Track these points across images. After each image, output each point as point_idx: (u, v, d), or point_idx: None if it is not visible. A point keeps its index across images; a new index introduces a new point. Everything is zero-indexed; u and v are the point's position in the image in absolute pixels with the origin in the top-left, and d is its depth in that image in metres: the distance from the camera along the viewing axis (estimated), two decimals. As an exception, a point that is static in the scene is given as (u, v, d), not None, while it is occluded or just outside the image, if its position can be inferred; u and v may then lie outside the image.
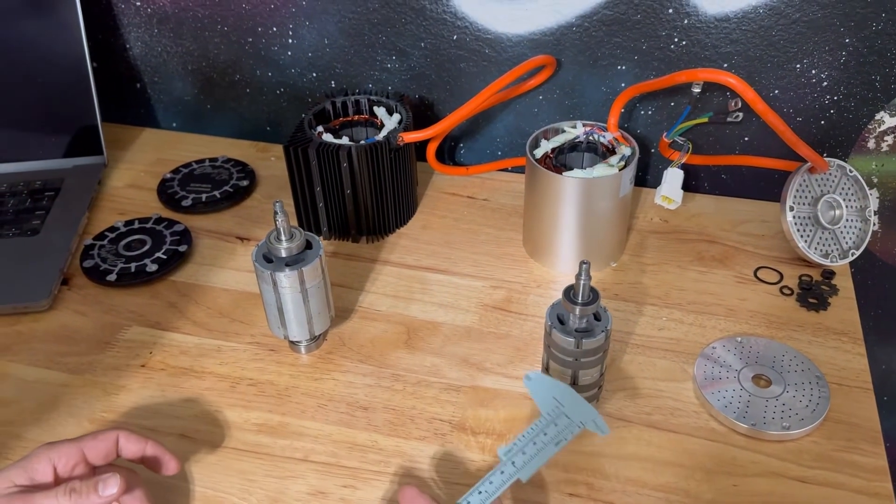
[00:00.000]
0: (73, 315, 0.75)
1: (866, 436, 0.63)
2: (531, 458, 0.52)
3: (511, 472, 0.52)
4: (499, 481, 0.51)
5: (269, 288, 0.65)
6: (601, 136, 0.80)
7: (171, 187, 0.91)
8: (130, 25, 0.98)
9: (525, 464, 0.52)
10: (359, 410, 0.66)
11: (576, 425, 0.54)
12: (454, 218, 0.88)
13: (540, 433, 0.54)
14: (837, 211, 0.79)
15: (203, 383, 0.68)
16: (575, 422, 0.54)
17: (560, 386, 0.56)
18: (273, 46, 0.95)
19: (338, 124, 0.86)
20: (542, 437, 0.53)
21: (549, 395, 0.55)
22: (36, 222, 0.85)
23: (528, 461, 0.52)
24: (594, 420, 0.54)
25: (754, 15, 0.79)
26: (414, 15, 0.88)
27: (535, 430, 0.54)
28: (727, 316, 0.74)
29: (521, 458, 0.52)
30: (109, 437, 0.54)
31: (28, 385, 0.68)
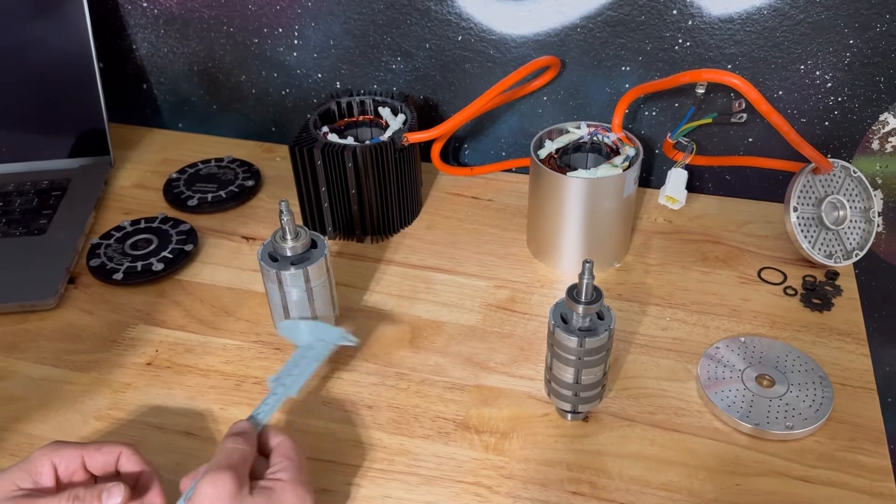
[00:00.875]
0: (80, 313, 0.76)
1: (870, 436, 0.63)
2: (296, 377, 0.60)
3: (282, 393, 0.59)
4: (273, 401, 0.58)
5: (274, 287, 0.65)
6: (605, 137, 0.80)
7: (177, 187, 0.92)
8: (137, 26, 0.99)
9: (292, 383, 0.60)
10: (363, 409, 0.66)
11: (330, 343, 0.63)
12: (458, 218, 0.88)
13: (301, 358, 0.62)
14: (841, 212, 0.79)
15: (208, 381, 0.69)
16: (328, 341, 0.63)
17: (307, 322, 0.65)
18: (279, 47, 0.95)
19: (343, 125, 0.86)
20: (302, 361, 0.62)
21: (301, 331, 0.65)
22: (43, 221, 0.85)
23: (295, 380, 0.60)
24: (343, 336, 0.64)
25: (758, 16, 0.79)
26: (419, 16, 0.88)
27: (296, 356, 0.62)
28: (731, 316, 0.74)
29: (289, 380, 0.60)
30: (113, 451, 0.53)
31: (35, 382, 0.69)
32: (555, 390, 0.62)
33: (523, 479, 0.60)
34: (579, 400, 0.62)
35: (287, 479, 0.52)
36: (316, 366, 0.61)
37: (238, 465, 0.51)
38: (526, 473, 0.60)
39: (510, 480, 0.60)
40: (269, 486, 0.51)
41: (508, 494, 0.59)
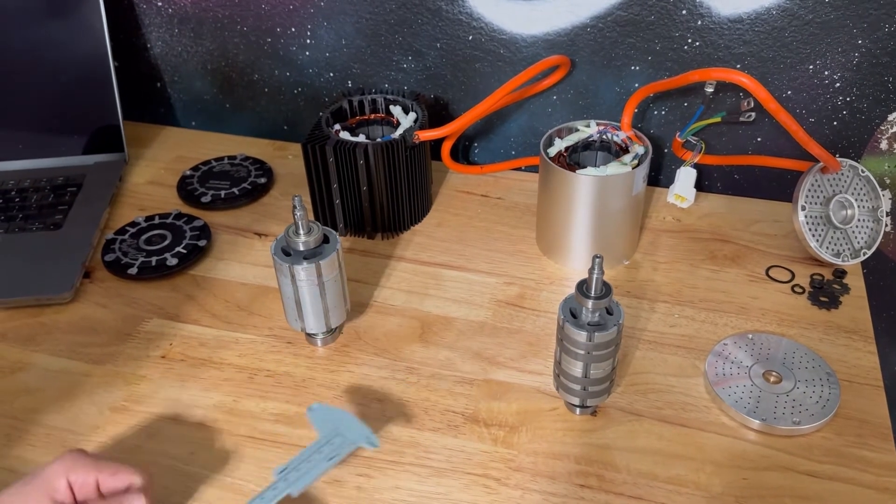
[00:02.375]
0: (95, 307, 0.77)
1: (876, 432, 0.63)
2: (304, 473, 0.55)
3: (283, 488, 0.54)
4: (271, 496, 0.54)
5: (287, 281, 0.66)
6: (614, 135, 0.81)
7: (191, 184, 0.93)
8: (152, 25, 1.00)
9: (298, 479, 0.55)
10: (374, 402, 0.67)
11: (349, 442, 0.57)
12: (468, 216, 0.89)
13: (315, 452, 0.57)
14: (849, 211, 0.79)
15: (222, 374, 0.70)
16: (349, 439, 0.58)
17: (339, 412, 0.60)
18: (291, 46, 0.96)
19: (354, 123, 0.87)
20: (315, 456, 0.57)
21: (329, 422, 0.59)
22: (59, 217, 0.86)
23: (301, 476, 0.55)
24: (367, 437, 0.58)
25: (767, 16, 0.79)
26: (430, 16, 0.89)
27: (310, 449, 0.57)
28: (739, 313, 0.75)
29: (294, 475, 0.55)
30: (126, 479, 0.53)
31: (51, 374, 0.70)
32: (563, 385, 0.63)
33: (532, 471, 0.61)
34: (588, 394, 0.62)
35: None
36: (329, 466, 0.56)
37: None
38: (534, 466, 0.61)
39: (519, 473, 0.61)
40: None
41: (517, 486, 0.60)
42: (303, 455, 0.57)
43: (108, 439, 0.64)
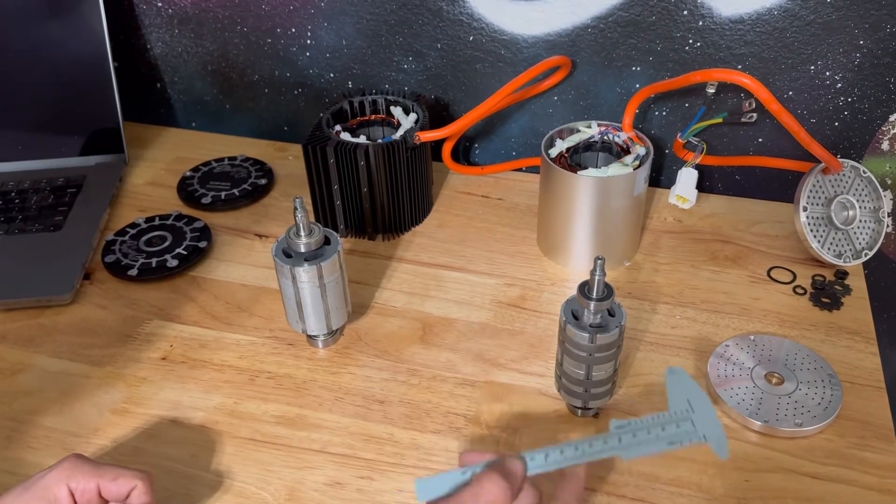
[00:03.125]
0: (95, 308, 0.77)
1: (878, 433, 0.63)
2: (639, 443, 0.50)
3: (614, 446, 0.50)
4: (599, 447, 0.50)
5: (288, 282, 0.66)
6: (616, 136, 0.80)
7: (191, 185, 0.93)
8: (152, 26, 1.00)
9: (630, 445, 0.50)
10: (375, 404, 0.67)
11: (698, 435, 0.50)
12: (469, 217, 0.89)
13: (658, 426, 0.51)
14: (851, 211, 0.79)
15: (222, 376, 0.70)
16: (699, 431, 0.50)
17: (699, 392, 0.52)
18: (292, 47, 0.96)
19: (355, 124, 0.87)
20: (658, 430, 0.50)
21: (684, 395, 0.52)
22: (58, 218, 0.86)
23: (635, 444, 0.50)
24: (719, 440, 0.50)
25: (769, 17, 0.79)
26: (431, 16, 0.89)
27: (654, 420, 0.51)
28: (740, 315, 0.75)
29: (629, 439, 0.50)
30: (128, 484, 0.52)
31: (51, 376, 0.70)
32: (565, 386, 0.63)
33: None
34: (590, 396, 0.62)
35: None
36: (666, 449, 0.50)
37: None
38: (536, 468, 0.61)
39: (521, 475, 0.61)
40: None
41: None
42: (644, 422, 0.51)
43: (109, 441, 0.64)
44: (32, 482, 0.51)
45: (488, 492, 0.46)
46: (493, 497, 0.46)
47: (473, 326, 0.74)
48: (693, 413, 0.51)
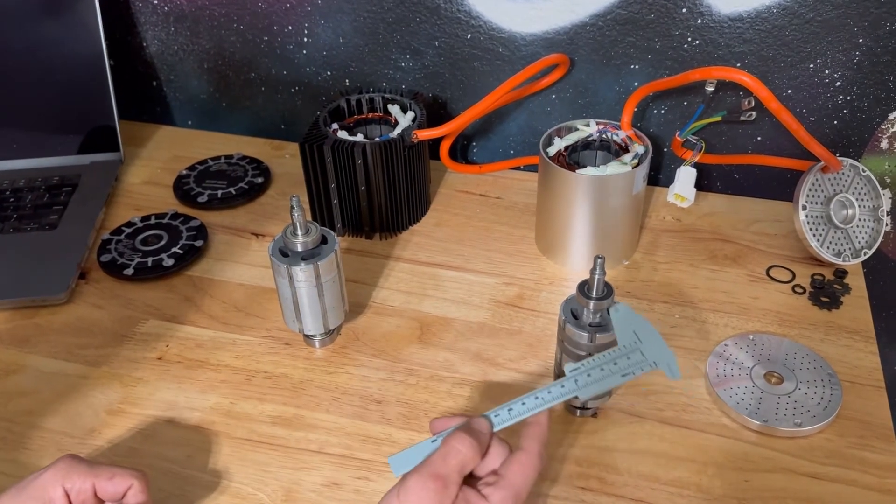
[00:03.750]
0: (91, 308, 0.76)
1: (878, 433, 0.63)
2: (595, 381, 0.53)
3: (571, 388, 0.52)
4: (558, 392, 0.52)
5: (284, 282, 0.66)
6: (614, 135, 0.80)
7: (187, 184, 0.92)
8: (147, 24, 0.99)
9: (587, 384, 0.52)
10: (372, 404, 0.66)
11: (648, 363, 0.53)
12: (467, 215, 0.89)
13: (610, 362, 0.53)
14: (850, 210, 0.79)
15: (219, 376, 0.69)
16: (648, 359, 0.53)
17: (643, 323, 0.55)
18: (288, 45, 0.95)
19: (352, 122, 0.87)
20: (611, 366, 0.53)
21: (630, 328, 0.55)
22: (54, 217, 0.86)
23: (591, 383, 0.52)
24: (668, 363, 0.53)
25: (768, 14, 0.79)
26: (428, 14, 0.88)
27: (606, 357, 0.54)
28: (739, 314, 0.75)
29: (585, 379, 0.53)
30: (123, 483, 0.52)
31: (46, 376, 0.69)
32: (564, 386, 0.62)
33: (532, 474, 0.60)
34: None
35: (495, 500, 0.48)
36: (621, 382, 0.53)
37: (451, 473, 0.48)
38: (535, 469, 0.61)
39: (519, 475, 0.60)
40: (474, 501, 0.48)
41: (518, 489, 0.59)
42: (596, 361, 0.54)
43: (104, 442, 0.63)
44: (27, 483, 0.50)
45: (457, 451, 0.48)
46: (462, 456, 0.48)
47: (471, 326, 0.74)
48: (641, 344, 0.54)
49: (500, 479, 0.50)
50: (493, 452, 0.51)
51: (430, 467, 0.48)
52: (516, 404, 0.52)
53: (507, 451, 0.51)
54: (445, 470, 0.48)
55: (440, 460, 0.48)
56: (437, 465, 0.48)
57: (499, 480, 0.50)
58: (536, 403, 0.52)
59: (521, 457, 0.50)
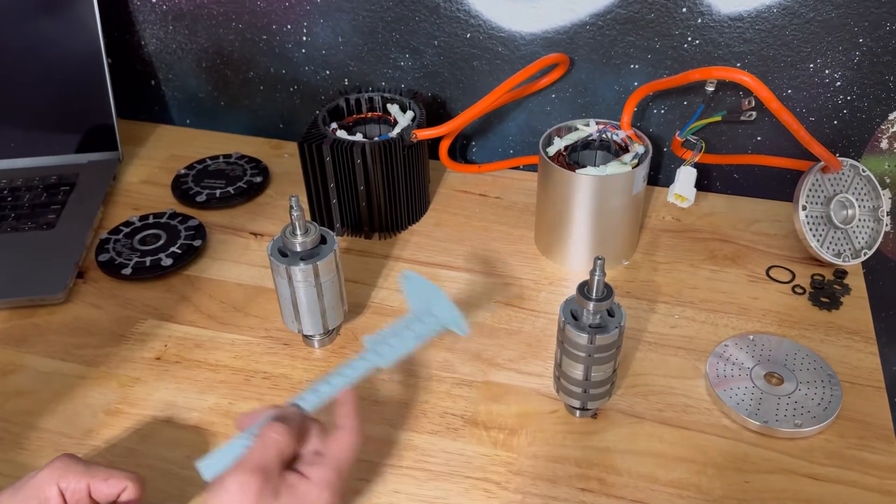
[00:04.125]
0: (89, 308, 0.76)
1: (878, 434, 0.63)
2: (394, 349, 0.57)
3: (374, 360, 0.56)
4: (362, 366, 0.56)
5: (283, 282, 0.65)
6: (614, 134, 0.80)
7: (186, 183, 0.92)
8: (146, 22, 0.99)
9: (387, 353, 0.56)
10: (372, 404, 0.66)
11: (440, 324, 0.58)
12: (466, 215, 0.88)
13: (405, 328, 0.57)
14: (850, 210, 0.79)
15: (217, 376, 0.69)
16: (440, 321, 0.58)
17: (433, 288, 0.59)
18: (287, 44, 0.95)
19: (351, 121, 0.86)
20: (406, 332, 0.57)
21: (421, 294, 0.59)
22: (51, 216, 0.85)
23: (390, 352, 0.57)
24: (457, 322, 0.58)
25: (768, 14, 0.79)
26: (428, 13, 0.88)
27: (401, 323, 0.57)
28: (739, 314, 0.74)
29: (385, 349, 0.57)
30: (118, 485, 0.52)
31: (44, 376, 0.69)
32: (564, 387, 0.62)
33: (532, 475, 0.60)
34: (588, 397, 0.62)
35: (316, 478, 0.51)
36: (418, 345, 0.57)
37: (270, 464, 0.49)
38: (535, 470, 0.61)
39: (519, 476, 0.60)
40: (295, 483, 0.50)
41: (517, 490, 0.59)
42: (393, 329, 0.57)
43: (102, 442, 0.63)
44: (24, 482, 0.50)
45: (273, 441, 0.50)
46: (278, 444, 0.50)
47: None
48: (432, 307, 0.58)
49: (319, 457, 0.52)
50: (310, 435, 0.53)
51: (250, 462, 0.49)
52: (323, 385, 0.55)
53: (324, 430, 0.54)
54: (264, 461, 0.49)
55: (258, 453, 0.50)
56: (256, 458, 0.49)
57: (318, 459, 0.52)
58: (342, 381, 0.55)
59: (338, 434, 0.53)
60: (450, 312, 0.58)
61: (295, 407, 0.54)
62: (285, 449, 0.51)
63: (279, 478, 0.50)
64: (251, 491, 0.48)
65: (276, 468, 0.50)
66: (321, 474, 0.51)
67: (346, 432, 0.53)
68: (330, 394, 0.55)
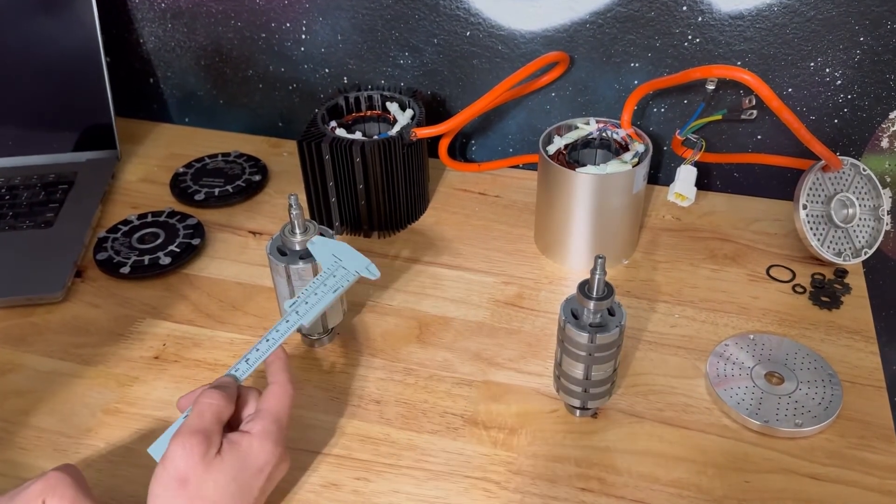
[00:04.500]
0: (87, 307, 0.76)
1: (879, 434, 0.63)
2: (313, 306, 0.60)
3: (295, 320, 0.59)
4: (285, 327, 0.59)
5: (282, 280, 0.65)
6: (614, 133, 0.80)
7: (184, 181, 0.92)
8: (144, 20, 0.99)
9: (307, 311, 0.60)
10: (371, 404, 0.66)
11: (351, 273, 0.62)
12: (466, 214, 0.88)
13: (321, 284, 0.61)
14: (850, 209, 0.78)
15: (216, 375, 0.68)
16: (350, 271, 0.62)
17: (339, 245, 0.63)
18: (286, 42, 0.95)
19: (351, 120, 0.86)
20: (322, 288, 0.61)
21: (329, 253, 0.63)
22: (50, 215, 0.85)
23: (310, 309, 0.60)
24: (367, 267, 0.62)
25: (769, 13, 0.79)
26: (427, 11, 0.88)
27: (316, 282, 0.61)
28: (739, 314, 0.74)
29: (304, 307, 0.60)
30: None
31: (43, 375, 0.69)
32: (564, 386, 0.62)
33: (532, 474, 0.60)
34: (589, 396, 0.62)
35: (256, 431, 0.53)
36: (334, 298, 0.61)
37: (209, 425, 0.52)
38: (534, 469, 0.60)
39: (519, 476, 0.60)
40: (237, 440, 0.53)
41: (517, 490, 0.59)
42: (310, 289, 0.61)
43: (101, 442, 0.63)
44: (18, 492, 0.50)
45: (209, 405, 0.53)
46: (214, 407, 0.53)
47: (470, 325, 0.73)
48: (341, 261, 0.62)
49: (257, 412, 0.55)
50: (247, 400, 0.56)
51: (189, 426, 0.51)
52: (251, 353, 0.58)
53: (258, 393, 0.57)
54: (202, 424, 0.52)
55: (196, 418, 0.52)
56: (195, 422, 0.52)
57: (256, 415, 0.55)
58: (269, 345, 0.58)
59: (272, 388, 0.56)
60: (358, 261, 0.62)
61: (228, 376, 0.57)
62: (222, 411, 0.53)
63: (220, 438, 0.52)
64: (195, 452, 0.50)
65: (215, 429, 0.52)
66: (260, 426, 0.53)
67: (278, 386, 0.56)
68: (260, 359, 0.58)
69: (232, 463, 0.52)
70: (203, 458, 0.50)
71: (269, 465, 0.53)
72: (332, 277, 0.61)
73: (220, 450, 0.52)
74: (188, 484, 0.50)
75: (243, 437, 0.53)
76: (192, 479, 0.50)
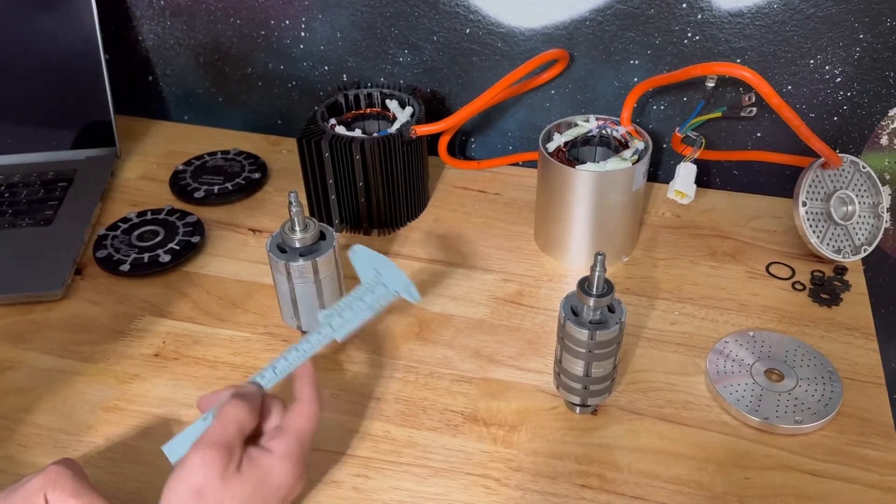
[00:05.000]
0: (87, 304, 0.76)
1: (879, 430, 0.63)
2: (347, 321, 0.58)
3: (328, 333, 0.58)
4: (317, 339, 0.57)
5: (282, 278, 0.65)
6: (614, 130, 0.80)
7: (184, 179, 0.91)
8: (143, 18, 0.99)
9: (341, 326, 0.58)
10: (371, 401, 0.66)
11: (391, 293, 0.59)
12: (465, 212, 0.88)
13: (358, 299, 0.59)
14: (850, 207, 0.78)
15: (216, 373, 0.69)
16: (390, 290, 0.59)
17: (381, 259, 0.60)
18: (285, 39, 0.95)
19: (350, 117, 0.86)
20: (359, 303, 0.58)
21: (371, 266, 0.60)
22: (49, 212, 0.85)
23: (344, 323, 0.58)
24: (407, 289, 0.60)
25: (768, 10, 0.79)
26: (427, 8, 0.88)
27: (354, 296, 0.59)
28: (739, 311, 0.74)
29: (338, 321, 0.58)
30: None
31: (42, 373, 0.69)
32: (564, 383, 0.62)
33: (532, 471, 0.60)
34: (589, 393, 0.62)
35: (279, 452, 0.52)
36: (371, 316, 0.58)
37: (232, 438, 0.51)
38: (535, 466, 0.60)
39: (519, 473, 0.60)
40: (257, 457, 0.51)
41: (517, 487, 0.59)
42: (346, 302, 0.58)
43: (101, 439, 0.63)
44: (18, 486, 0.50)
45: (233, 417, 0.51)
46: (238, 420, 0.51)
47: (470, 322, 0.73)
48: (381, 277, 0.60)
49: (280, 430, 0.53)
50: (271, 411, 0.55)
51: (211, 437, 0.50)
52: (280, 361, 0.56)
53: (284, 406, 0.55)
54: (225, 437, 0.50)
55: (219, 429, 0.50)
56: (217, 433, 0.50)
57: (279, 432, 0.53)
58: (299, 356, 0.56)
59: (298, 406, 0.55)
60: (399, 280, 0.60)
61: (254, 385, 0.55)
62: (246, 424, 0.52)
63: (241, 452, 0.51)
64: (214, 466, 0.49)
65: (237, 443, 0.51)
66: (283, 446, 0.52)
67: (305, 403, 0.55)
68: (288, 369, 0.56)
69: (250, 481, 0.50)
70: (222, 473, 0.49)
71: (287, 486, 0.52)
72: (370, 293, 0.59)
73: (240, 465, 0.50)
74: (203, 498, 0.49)
75: (264, 456, 0.52)
76: (209, 494, 0.49)
